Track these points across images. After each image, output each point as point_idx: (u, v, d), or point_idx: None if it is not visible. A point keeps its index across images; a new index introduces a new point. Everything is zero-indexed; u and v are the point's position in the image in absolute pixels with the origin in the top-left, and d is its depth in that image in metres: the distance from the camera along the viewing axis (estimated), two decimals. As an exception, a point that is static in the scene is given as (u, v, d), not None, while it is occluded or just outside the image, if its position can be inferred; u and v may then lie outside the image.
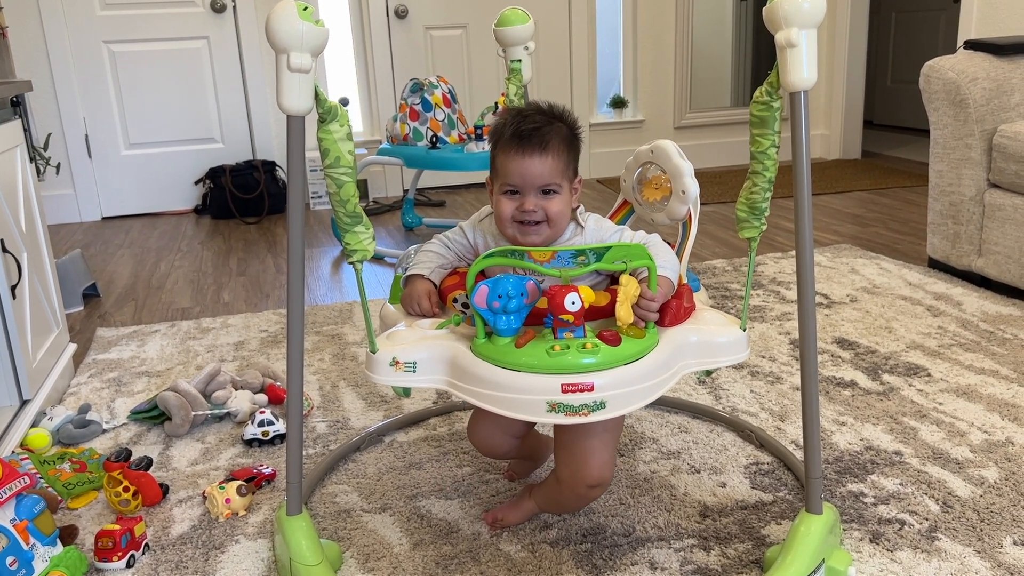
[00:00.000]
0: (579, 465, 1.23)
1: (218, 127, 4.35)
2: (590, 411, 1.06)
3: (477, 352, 1.12)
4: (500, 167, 1.25)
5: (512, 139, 1.22)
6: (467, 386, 1.12)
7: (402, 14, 4.41)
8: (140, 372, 2.18)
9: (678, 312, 1.21)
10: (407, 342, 1.19)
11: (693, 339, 1.20)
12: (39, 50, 4.00)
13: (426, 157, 3.24)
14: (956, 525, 1.38)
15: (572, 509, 1.43)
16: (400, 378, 1.17)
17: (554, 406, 1.06)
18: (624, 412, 1.10)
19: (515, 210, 1.23)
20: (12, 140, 1.96)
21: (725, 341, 1.22)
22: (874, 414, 1.78)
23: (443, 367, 1.16)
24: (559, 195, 1.24)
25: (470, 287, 1.10)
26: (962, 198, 2.58)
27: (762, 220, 1.25)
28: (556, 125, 1.24)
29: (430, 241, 1.39)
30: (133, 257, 3.49)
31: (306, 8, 1.06)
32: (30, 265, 1.94)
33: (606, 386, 1.07)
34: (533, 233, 1.24)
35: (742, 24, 5.37)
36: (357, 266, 1.20)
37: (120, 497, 1.48)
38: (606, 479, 1.24)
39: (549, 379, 1.06)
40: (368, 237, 1.19)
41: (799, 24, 1.08)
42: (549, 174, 1.22)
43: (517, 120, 1.23)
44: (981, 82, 2.48)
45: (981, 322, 2.28)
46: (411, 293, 1.32)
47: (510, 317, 1.10)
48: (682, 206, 1.41)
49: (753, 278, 2.75)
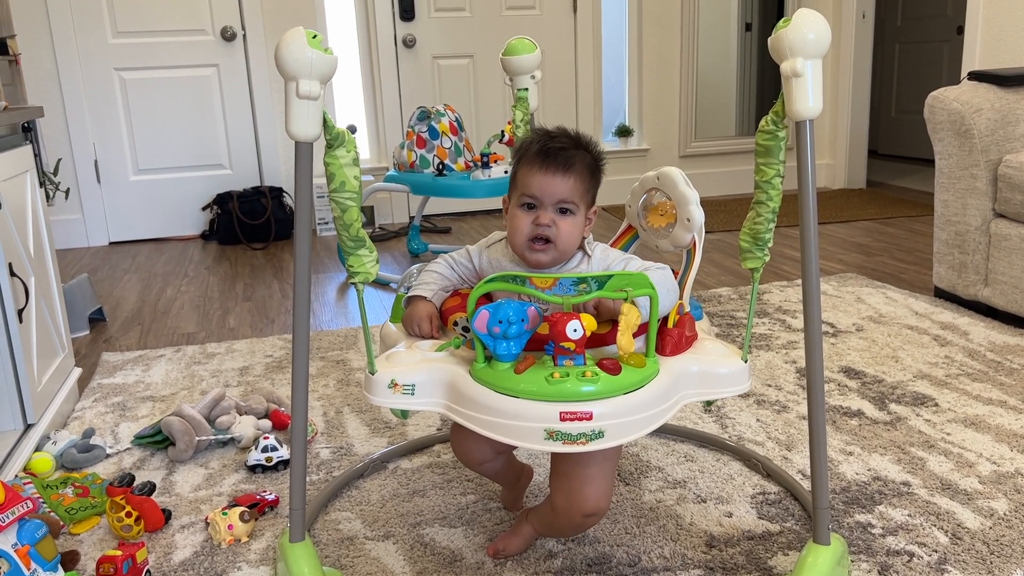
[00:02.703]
0: (576, 494, 1.21)
1: (226, 153, 4.38)
2: (588, 440, 1.05)
3: (476, 377, 1.12)
4: (520, 180, 1.26)
5: (537, 155, 1.23)
6: (465, 410, 1.12)
7: (410, 43, 4.45)
8: (145, 397, 2.18)
9: (679, 341, 1.20)
10: (406, 364, 1.18)
11: (694, 369, 1.19)
12: (51, 77, 4.04)
13: (432, 184, 3.26)
14: (966, 557, 1.36)
15: (569, 535, 1.42)
16: (398, 400, 1.17)
17: (552, 434, 1.05)
18: (623, 442, 1.09)
19: (529, 224, 1.23)
20: (22, 165, 1.98)
21: (726, 372, 1.21)
22: (881, 444, 1.77)
23: (442, 390, 1.16)
24: (574, 216, 1.24)
25: (471, 311, 1.10)
26: (968, 228, 2.58)
27: (765, 251, 1.25)
28: (582, 152, 1.26)
29: (435, 261, 1.39)
30: (140, 282, 3.50)
31: (315, 36, 1.08)
32: (37, 289, 1.95)
33: (605, 415, 1.06)
34: (540, 252, 1.24)
35: (747, 54, 5.41)
36: (359, 286, 1.20)
37: (123, 522, 1.47)
38: (603, 509, 1.23)
39: (548, 406, 1.05)
40: (371, 260, 1.20)
41: (804, 54, 1.09)
42: (568, 192, 1.23)
43: (545, 139, 1.26)
44: (986, 113, 2.49)
45: (988, 352, 2.27)
46: (412, 314, 1.32)
47: (510, 343, 1.09)
48: (687, 234, 1.41)
49: (758, 306, 2.75)
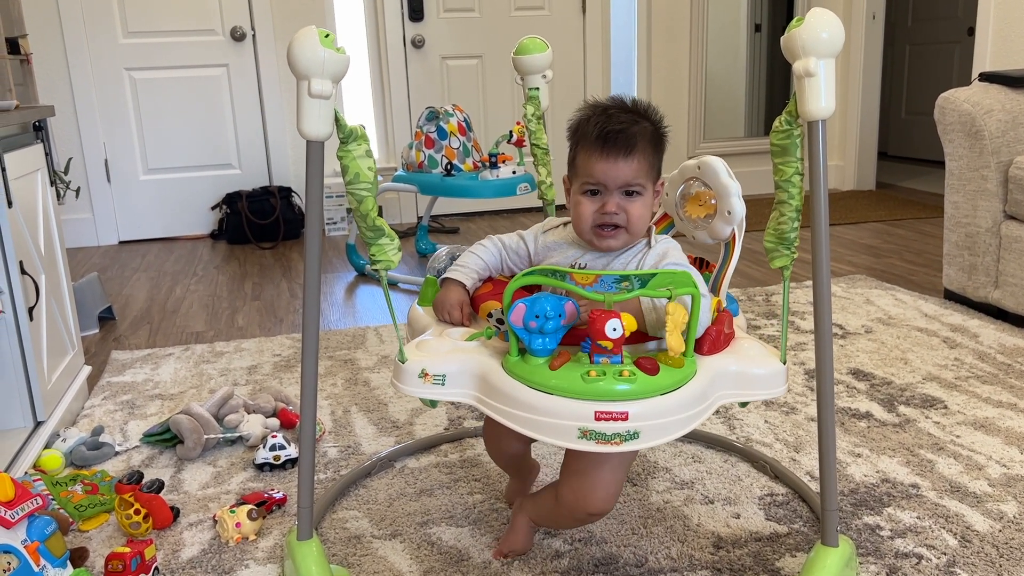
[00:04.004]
0: (586, 493, 1.20)
1: (235, 153, 4.40)
2: (622, 440, 1.03)
3: (509, 370, 1.09)
4: (581, 166, 1.22)
5: (597, 140, 1.18)
6: (497, 404, 1.09)
7: (419, 44, 4.46)
8: (153, 395, 2.19)
9: (717, 340, 1.17)
10: (437, 353, 1.15)
11: (732, 369, 1.15)
12: (62, 76, 4.06)
13: (441, 184, 3.26)
14: (975, 560, 1.36)
15: (566, 529, 1.42)
16: (428, 390, 1.14)
17: (586, 433, 1.03)
18: (658, 443, 1.07)
19: (595, 212, 1.20)
20: (34, 164, 1.99)
21: (763, 373, 1.16)
22: (890, 446, 1.76)
23: (473, 382, 1.13)
24: (642, 197, 1.21)
25: (507, 304, 1.07)
26: (978, 229, 2.57)
27: (792, 249, 1.23)
28: (642, 125, 1.21)
29: (480, 243, 1.35)
30: (149, 281, 3.52)
31: (327, 35, 1.08)
32: (48, 287, 1.96)
33: (641, 415, 1.03)
34: (611, 238, 1.21)
35: (756, 55, 5.40)
36: (382, 272, 1.19)
37: (131, 520, 1.47)
38: (609, 509, 1.22)
39: (583, 405, 1.03)
40: (393, 248, 1.19)
41: (817, 54, 1.08)
42: (633, 175, 1.19)
43: (602, 120, 1.20)
44: (996, 114, 2.48)
45: (998, 354, 2.26)
46: (444, 299, 1.29)
47: (546, 338, 1.06)
48: (727, 226, 1.37)
49: (766, 308, 2.74)
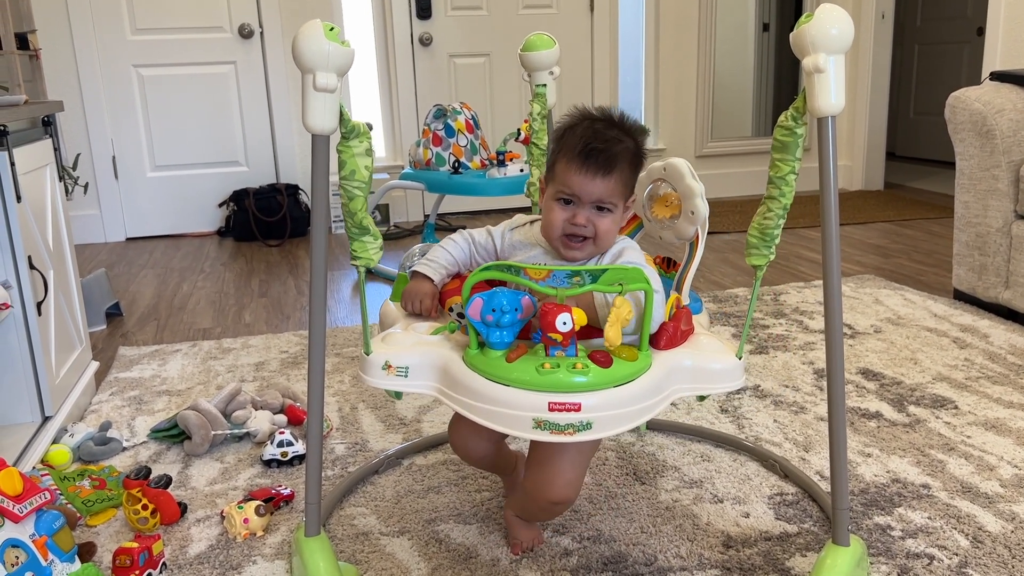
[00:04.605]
0: (547, 482, 1.22)
1: (243, 151, 4.40)
2: (576, 431, 1.05)
3: (469, 363, 1.12)
4: (559, 174, 1.24)
5: (579, 154, 1.20)
6: (457, 395, 1.12)
7: (427, 42, 4.46)
8: (161, 391, 2.19)
9: (674, 335, 1.20)
10: (401, 346, 1.19)
11: (687, 363, 1.18)
12: (70, 72, 4.07)
13: (448, 182, 3.26)
14: (987, 561, 1.35)
15: (540, 520, 1.44)
16: (392, 382, 1.17)
17: (540, 423, 1.06)
18: (610, 434, 1.09)
19: (565, 221, 1.22)
20: (43, 159, 1.99)
21: (720, 368, 1.19)
22: (900, 446, 1.75)
23: (435, 374, 1.16)
24: (612, 213, 1.23)
25: (465, 298, 1.10)
26: (988, 229, 2.56)
27: (772, 248, 1.22)
28: (625, 144, 1.22)
29: (451, 237, 1.37)
30: (156, 277, 3.52)
31: (332, 29, 1.08)
32: (56, 282, 1.96)
33: (593, 407, 1.06)
34: (576, 249, 1.24)
35: (764, 54, 5.38)
36: (360, 270, 1.22)
37: (139, 515, 1.47)
38: (570, 498, 1.23)
39: (537, 396, 1.06)
40: (375, 247, 1.21)
41: (827, 49, 1.07)
42: (609, 194, 1.21)
43: (588, 134, 1.22)
44: (1008, 113, 2.47)
45: (1009, 355, 2.24)
46: (413, 290, 1.33)
47: (503, 331, 1.10)
48: (691, 226, 1.39)
49: (774, 307, 2.73)
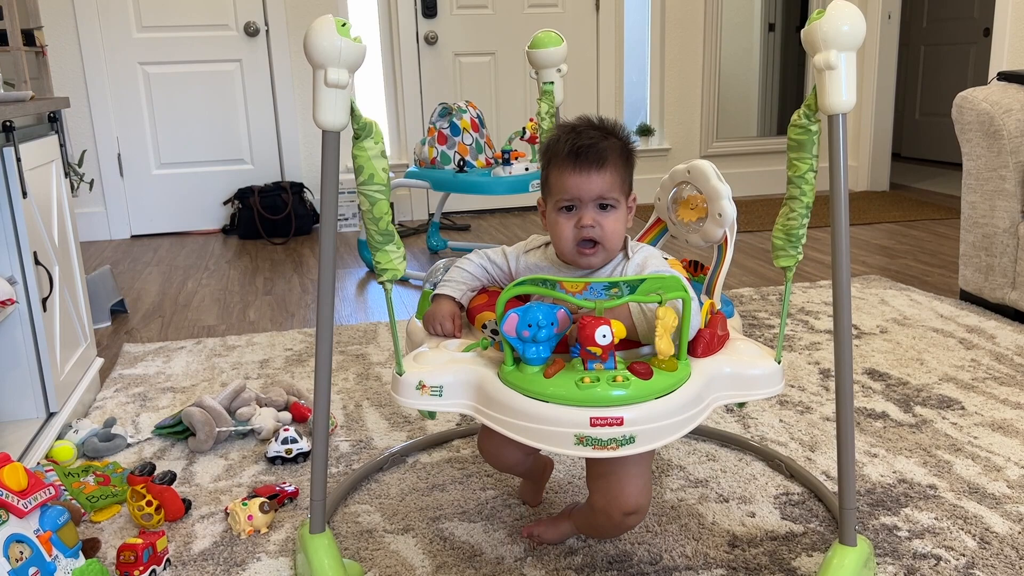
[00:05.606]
0: (615, 494, 1.19)
1: (248, 149, 4.40)
2: (619, 445, 1.03)
3: (505, 380, 1.10)
4: (555, 184, 1.23)
5: (569, 156, 1.20)
6: (494, 413, 1.10)
7: (432, 40, 4.45)
8: (165, 388, 2.19)
9: (711, 342, 1.17)
10: (434, 365, 1.16)
11: (727, 371, 1.16)
12: (76, 69, 4.08)
13: (453, 180, 3.25)
14: (994, 562, 1.34)
15: (609, 536, 1.40)
16: (426, 402, 1.15)
17: (582, 439, 1.03)
18: (654, 447, 1.07)
19: (572, 227, 1.21)
20: (49, 155, 1.99)
21: (759, 373, 1.17)
22: (907, 446, 1.74)
23: (470, 392, 1.14)
24: (616, 210, 1.22)
25: (499, 314, 1.08)
26: (995, 230, 2.55)
27: (798, 248, 1.21)
28: (611, 140, 1.23)
29: (467, 257, 1.37)
30: (161, 275, 3.52)
31: (344, 24, 1.07)
32: (61, 279, 1.96)
33: (636, 420, 1.04)
34: (591, 255, 1.22)
35: (769, 54, 5.38)
36: (387, 285, 1.18)
37: (143, 511, 1.47)
38: (643, 506, 1.21)
39: (578, 411, 1.03)
40: (399, 257, 1.18)
41: (838, 46, 1.07)
42: (607, 188, 1.21)
43: (572, 136, 1.22)
44: (1015, 113, 2.46)
45: (1016, 356, 2.23)
46: (435, 312, 1.30)
47: (539, 347, 1.07)
48: (718, 229, 1.38)
49: (779, 307, 2.72)
